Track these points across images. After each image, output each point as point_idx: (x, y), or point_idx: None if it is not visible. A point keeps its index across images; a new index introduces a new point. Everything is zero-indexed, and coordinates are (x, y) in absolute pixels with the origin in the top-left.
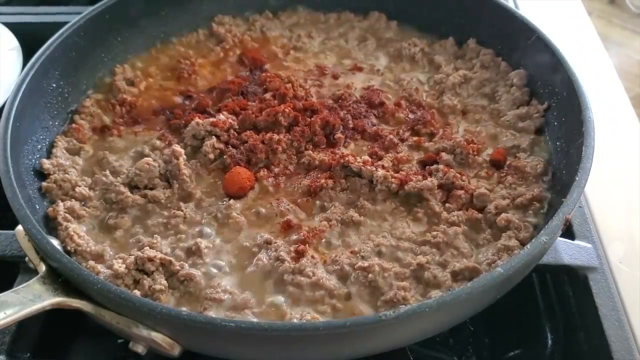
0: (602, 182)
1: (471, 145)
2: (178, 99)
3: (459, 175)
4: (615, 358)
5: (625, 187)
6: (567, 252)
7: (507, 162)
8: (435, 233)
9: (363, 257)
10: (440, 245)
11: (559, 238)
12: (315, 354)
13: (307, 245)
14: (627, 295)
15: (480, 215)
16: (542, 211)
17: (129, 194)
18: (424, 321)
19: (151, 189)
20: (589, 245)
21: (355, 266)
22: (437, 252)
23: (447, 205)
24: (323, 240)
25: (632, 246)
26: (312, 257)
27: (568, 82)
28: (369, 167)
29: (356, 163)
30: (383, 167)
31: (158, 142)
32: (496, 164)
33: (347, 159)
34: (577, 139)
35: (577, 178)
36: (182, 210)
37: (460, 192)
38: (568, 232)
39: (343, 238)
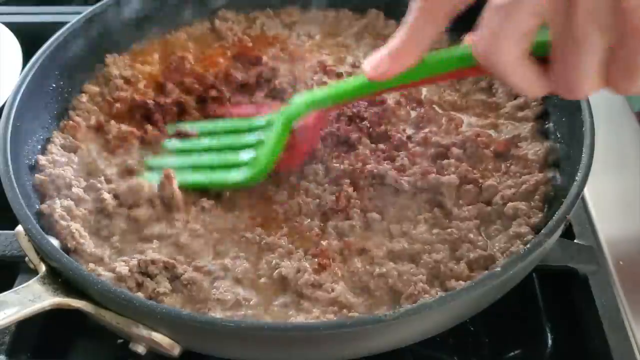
0: (602, 182)
1: (480, 138)
2: (162, 98)
3: (470, 169)
4: (615, 358)
5: (625, 187)
6: (567, 252)
7: (511, 153)
8: (449, 230)
9: (379, 264)
10: (455, 242)
11: (559, 238)
12: (315, 354)
13: (330, 259)
14: (627, 295)
15: (489, 208)
16: (548, 196)
17: (117, 208)
18: (424, 321)
19: (137, 207)
20: (589, 245)
21: (374, 274)
22: (452, 249)
23: (459, 201)
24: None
25: (632, 246)
26: (334, 270)
27: None
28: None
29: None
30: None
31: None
32: (500, 156)
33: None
34: (576, 139)
35: (577, 178)
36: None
37: (469, 186)
38: (568, 232)
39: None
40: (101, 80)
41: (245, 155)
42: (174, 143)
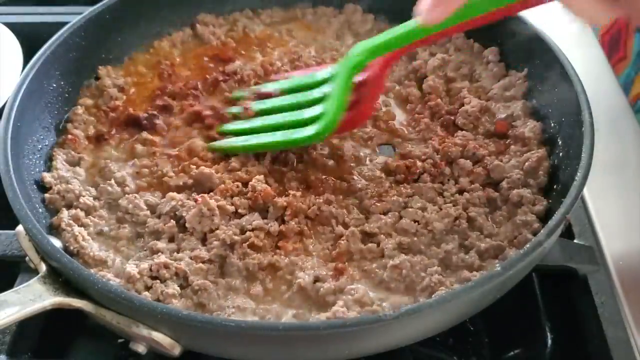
0: (602, 182)
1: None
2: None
3: (478, 146)
4: (615, 358)
5: (625, 187)
6: (567, 252)
7: (509, 132)
8: (457, 221)
9: (390, 257)
10: (465, 231)
11: (558, 238)
12: (315, 354)
13: (346, 263)
14: (627, 295)
15: (497, 193)
16: (551, 176)
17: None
18: (424, 321)
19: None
20: (589, 245)
21: (388, 266)
22: (461, 238)
23: (468, 188)
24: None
25: (632, 246)
26: (352, 273)
27: (566, 82)
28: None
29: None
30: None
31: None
32: (501, 136)
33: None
34: (576, 139)
35: (576, 178)
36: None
37: (479, 169)
38: (568, 232)
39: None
40: (95, 92)
41: (310, 113)
42: (236, 107)
